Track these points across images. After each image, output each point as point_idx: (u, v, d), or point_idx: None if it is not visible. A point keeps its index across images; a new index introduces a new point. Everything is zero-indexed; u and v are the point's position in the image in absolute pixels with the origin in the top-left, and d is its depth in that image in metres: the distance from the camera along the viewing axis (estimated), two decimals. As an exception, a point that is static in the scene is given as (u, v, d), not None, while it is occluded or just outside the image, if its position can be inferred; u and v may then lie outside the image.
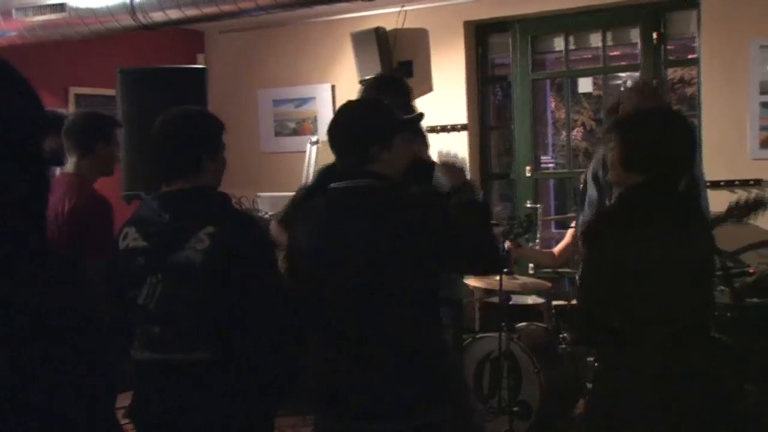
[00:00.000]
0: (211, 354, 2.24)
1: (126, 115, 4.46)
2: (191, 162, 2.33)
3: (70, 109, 5.66)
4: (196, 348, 2.24)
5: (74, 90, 5.86)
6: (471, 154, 5.84)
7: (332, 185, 2.36)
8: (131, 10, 4.78)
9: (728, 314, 3.74)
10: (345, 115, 2.38)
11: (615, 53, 6.40)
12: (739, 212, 3.50)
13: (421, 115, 2.85)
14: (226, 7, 4.63)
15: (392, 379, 2.26)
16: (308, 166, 5.80)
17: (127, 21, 4.83)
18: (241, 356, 2.25)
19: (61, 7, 4.95)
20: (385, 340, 2.27)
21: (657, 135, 2.35)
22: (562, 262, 4.77)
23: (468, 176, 2.54)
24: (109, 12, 4.85)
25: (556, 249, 4.80)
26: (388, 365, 2.26)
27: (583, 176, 3.76)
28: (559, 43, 5.83)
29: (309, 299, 2.35)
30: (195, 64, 6.47)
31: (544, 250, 4.93)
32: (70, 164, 3.37)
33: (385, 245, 2.24)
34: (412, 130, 2.76)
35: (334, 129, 2.37)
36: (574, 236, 4.87)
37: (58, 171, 3.40)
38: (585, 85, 9.55)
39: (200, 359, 2.24)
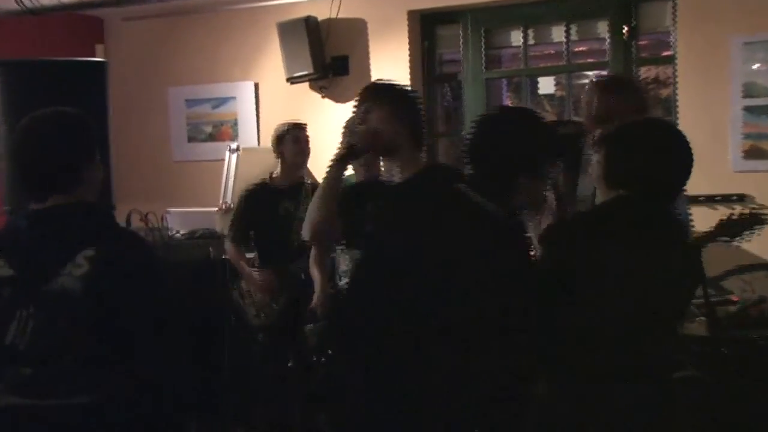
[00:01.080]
0: (92, 398, 2.18)
1: (6, 117, 4.34)
2: (68, 173, 2.25)
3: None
4: (76, 391, 2.17)
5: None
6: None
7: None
8: (13, -10, 4.68)
9: (707, 349, 3.73)
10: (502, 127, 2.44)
11: (580, 49, 6.43)
12: (731, 230, 3.47)
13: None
14: (129, -12, 4.56)
15: None
16: (227, 178, 5.71)
17: (8, 4, 4.71)
18: (127, 400, 2.20)
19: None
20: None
21: (647, 152, 2.43)
22: None
23: None
24: (-13, -7, 4.73)
25: None
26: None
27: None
28: (516, 37, 5.82)
29: None
30: (93, 56, 6.34)
31: None
32: None
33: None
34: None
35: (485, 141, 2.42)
36: None
37: None
38: (546, 85, 9.60)
39: (80, 404, 2.17)
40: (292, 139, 4.67)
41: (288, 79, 5.91)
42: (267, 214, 4.59)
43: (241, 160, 5.70)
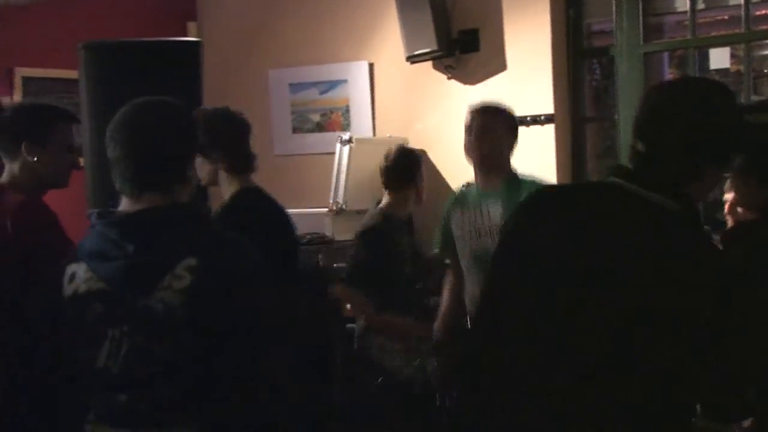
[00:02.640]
0: (194, 429, 2.25)
1: (91, 105, 4.50)
2: (173, 169, 2.35)
3: (16, 98, 5.74)
4: (176, 421, 2.25)
5: (21, 72, 5.95)
6: (559, 156, 5.79)
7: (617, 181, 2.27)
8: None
9: None
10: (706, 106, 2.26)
11: (761, 12, 6.31)
12: None
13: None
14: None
15: None
16: (338, 174, 5.79)
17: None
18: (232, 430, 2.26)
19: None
20: None
21: None
22: None
23: None
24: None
25: None
26: None
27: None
28: (682, 1, 5.76)
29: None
30: (185, 35, 6.53)
31: None
32: (4, 174, 3.42)
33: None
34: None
35: (660, 115, 2.27)
36: None
37: None
38: (719, 58, 9.41)
39: None
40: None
41: (408, 58, 5.96)
42: (391, 254, 4.61)
43: (354, 153, 5.75)
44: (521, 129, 5.61)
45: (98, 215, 2.39)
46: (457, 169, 3.83)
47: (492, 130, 4.19)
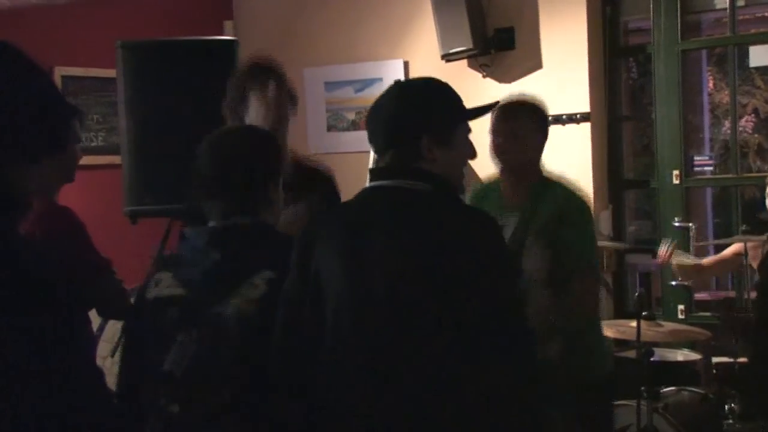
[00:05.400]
0: None
1: (129, 103, 4.56)
2: (259, 193, 2.47)
3: (57, 96, 5.83)
4: (225, 428, 2.31)
5: (61, 71, 6.03)
6: (595, 155, 5.80)
7: (370, 184, 2.46)
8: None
9: None
10: (388, 99, 2.52)
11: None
12: None
13: (495, 103, 2.90)
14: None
15: None
16: (372, 171, 5.83)
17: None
18: None
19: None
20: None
21: None
22: (705, 281, 4.81)
23: None
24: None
25: (707, 261, 4.79)
26: None
27: None
28: (720, -2, 5.77)
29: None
30: (221, 34, 6.59)
31: (688, 260, 4.96)
32: None
33: (429, 273, 2.25)
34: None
35: (373, 115, 2.52)
36: (737, 253, 4.85)
37: None
38: (759, 55, 9.38)
39: None
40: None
41: (443, 56, 5.99)
42: None
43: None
44: (557, 128, 5.66)
45: (191, 226, 2.52)
46: (492, 169, 3.84)
47: (515, 129, 3.69)
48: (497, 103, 2.94)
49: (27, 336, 1.55)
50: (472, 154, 2.55)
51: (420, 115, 2.46)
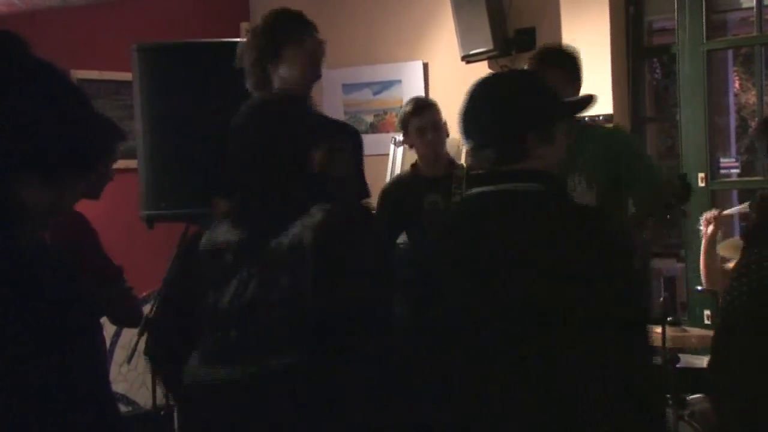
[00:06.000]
0: (300, 359, 2.39)
1: (145, 106, 4.57)
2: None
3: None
4: (281, 351, 2.40)
5: (77, 74, 6.05)
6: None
7: (476, 190, 2.40)
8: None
9: None
10: (486, 93, 2.43)
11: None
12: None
13: (590, 98, 2.88)
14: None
15: None
16: (392, 175, 5.83)
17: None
18: (334, 367, 2.41)
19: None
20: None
21: None
22: None
23: None
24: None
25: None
26: None
27: None
28: (747, -3, 5.73)
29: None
30: (238, 36, 6.60)
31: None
32: None
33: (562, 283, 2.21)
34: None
35: (471, 109, 2.41)
36: None
37: None
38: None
39: (288, 366, 2.39)
40: (416, 131, 4.60)
41: (463, 58, 6.00)
42: (410, 211, 4.52)
43: (408, 154, 5.72)
44: (579, 129, 5.61)
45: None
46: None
47: (552, 78, 3.61)
48: (592, 97, 2.91)
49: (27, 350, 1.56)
50: (565, 149, 2.54)
51: (527, 111, 2.39)
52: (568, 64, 3.87)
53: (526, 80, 2.54)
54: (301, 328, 2.38)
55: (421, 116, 4.57)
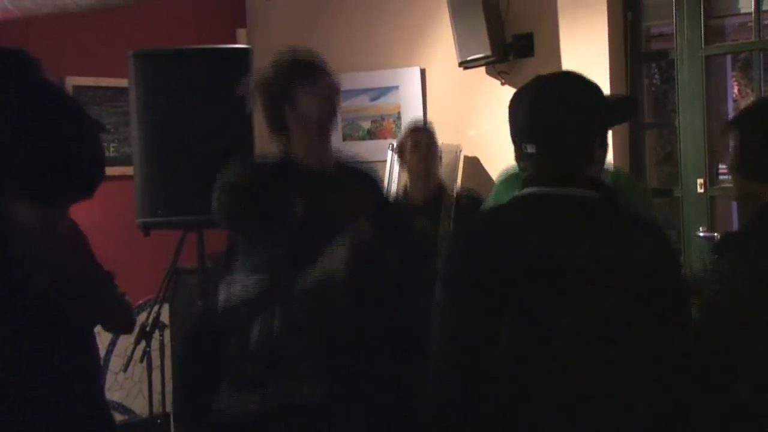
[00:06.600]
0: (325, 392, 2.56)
1: (141, 113, 4.57)
2: None
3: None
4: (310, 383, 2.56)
5: (72, 80, 6.06)
6: (617, 163, 5.77)
7: (534, 190, 2.36)
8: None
9: None
10: (552, 93, 2.42)
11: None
12: None
13: (634, 101, 2.92)
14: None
15: None
16: (389, 182, 5.83)
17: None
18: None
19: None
20: None
21: None
22: None
23: None
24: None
25: None
26: None
27: None
28: (746, 2, 5.72)
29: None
30: (235, 43, 6.61)
31: None
32: None
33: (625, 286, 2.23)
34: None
35: (535, 109, 2.40)
36: None
37: None
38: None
39: (312, 397, 2.55)
40: (412, 146, 4.78)
41: (461, 64, 5.98)
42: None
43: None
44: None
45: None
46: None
47: None
48: (637, 100, 2.95)
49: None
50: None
51: (596, 116, 2.40)
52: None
53: (590, 83, 2.48)
54: (328, 361, 2.39)
55: (419, 134, 4.82)
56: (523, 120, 2.39)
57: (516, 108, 2.44)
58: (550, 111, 2.36)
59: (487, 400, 2.20)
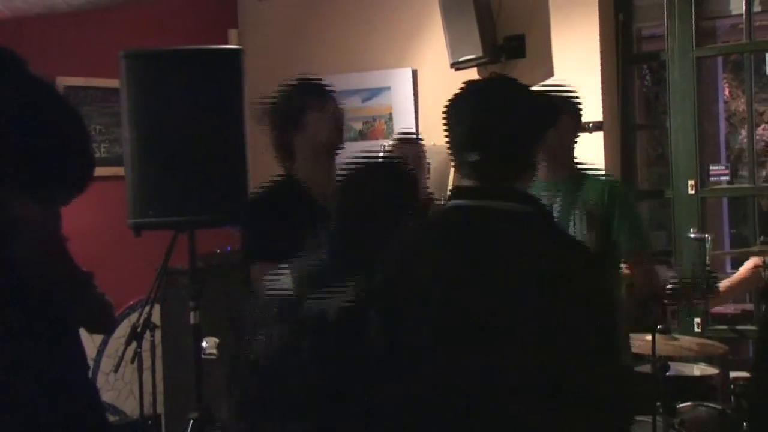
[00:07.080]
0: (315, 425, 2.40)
1: (132, 113, 4.57)
2: None
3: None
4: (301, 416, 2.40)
5: (63, 81, 6.06)
6: (608, 165, 5.79)
7: (462, 202, 2.34)
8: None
9: None
10: (493, 98, 2.38)
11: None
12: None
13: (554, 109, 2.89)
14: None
15: None
16: (380, 182, 5.85)
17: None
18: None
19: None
20: None
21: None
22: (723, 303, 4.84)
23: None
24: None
25: (723, 285, 4.76)
26: None
27: None
28: (737, 4, 5.75)
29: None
30: (226, 43, 6.61)
31: None
32: None
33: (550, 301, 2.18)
34: None
35: (475, 118, 2.35)
36: (753, 271, 4.84)
37: None
38: (775, 63, 9.39)
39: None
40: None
41: (452, 65, 6.00)
42: None
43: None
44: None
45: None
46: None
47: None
48: (557, 106, 2.88)
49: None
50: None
51: (524, 127, 2.33)
52: (572, 110, 3.91)
53: (519, 91, 2.41)
54: (319, 393, 2.32)
55: (407, 146, 4.88)
56: (453, 129, 2.38)
57: (448, 117, 2.42)
58: (481, 122, 2.33)
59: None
